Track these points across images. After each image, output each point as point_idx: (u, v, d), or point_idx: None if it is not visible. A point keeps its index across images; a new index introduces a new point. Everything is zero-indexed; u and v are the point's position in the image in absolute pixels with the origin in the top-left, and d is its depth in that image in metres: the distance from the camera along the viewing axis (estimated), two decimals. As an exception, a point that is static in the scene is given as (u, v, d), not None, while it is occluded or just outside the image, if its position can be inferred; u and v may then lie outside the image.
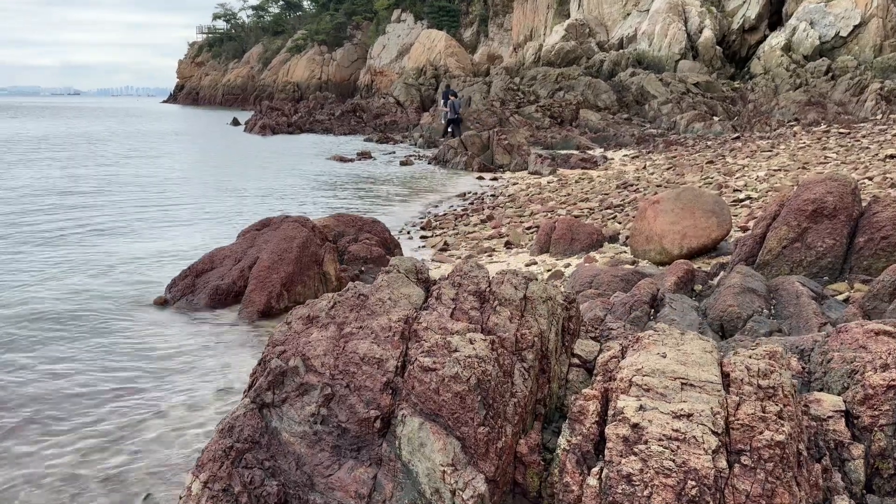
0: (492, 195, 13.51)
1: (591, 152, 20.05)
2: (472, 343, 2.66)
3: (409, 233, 10.08)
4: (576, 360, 3.07)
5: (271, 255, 7.06)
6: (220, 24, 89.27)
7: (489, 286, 2.98)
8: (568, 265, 7.11)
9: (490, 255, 8.16)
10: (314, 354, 3.08)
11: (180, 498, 2.95)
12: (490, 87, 31.98)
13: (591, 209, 10.44)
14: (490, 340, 2.68)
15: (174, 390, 4.79)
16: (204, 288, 6.98)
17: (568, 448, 2.43)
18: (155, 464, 3.78)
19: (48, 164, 19.54)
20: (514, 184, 15.04)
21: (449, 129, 25.00)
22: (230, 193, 14.48)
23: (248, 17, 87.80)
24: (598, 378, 2.61)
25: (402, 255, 8.39)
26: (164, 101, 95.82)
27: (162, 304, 6.81)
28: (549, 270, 6.96)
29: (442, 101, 26.87)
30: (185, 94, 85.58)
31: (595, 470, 2.30)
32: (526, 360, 2.73)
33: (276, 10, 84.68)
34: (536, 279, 3.01)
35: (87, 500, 3.43)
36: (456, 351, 2.62)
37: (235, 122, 39.70)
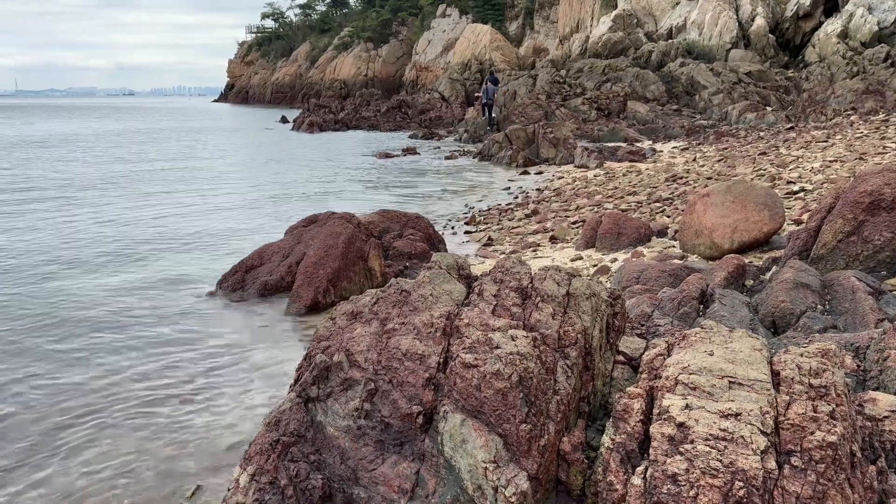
0: (537, 189, 13.42)
1: (639, 145, 19.72)
2: (513, 340, 2.65)
3: (453, 228, 10.09)
4: (621, 358, 3.03)
5: (318, 251, 7.15)
6: (269, 24, 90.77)
7: (531, 282, 2.97)
8: (614, 260, 7.02)
9: (535, 250, 8.11)
10: (358, 350, 3.11)
11: (228, 490, 3.02)
12: (535, 80, 31.72)
13: (638, 203, 10.27)
14: (532, 337, 2.66)
15: (225, 383, 4.89)
16: (253, 283, 7.12)
17: (612, 446, 2.40)
18: (204, 456, 3.87)
19: (106, 161, 20.21)
20: (560, 178, 14.90)
21: (489, 116, 25.79)
22: (278, 190, 14.72)
23: (295, 15, 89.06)
24: (644, 376, 2.57)
25: (446, 250, 8.41)
26: (215, 101, 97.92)
27: (212, 298, 6.96)
28: (594, 266, 6.87)
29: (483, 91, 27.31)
30: (236, 93, 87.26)
31: (639, 469, 2.26)
32: (569, 357, 2.71)
33: (323, 8, 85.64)
34: (580, 275, 2.98)
35: (140, 490, 3.53)
36: (498, 348, 2.61)
37: (284, 120, 40.31)
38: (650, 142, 20.81)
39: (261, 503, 2.80)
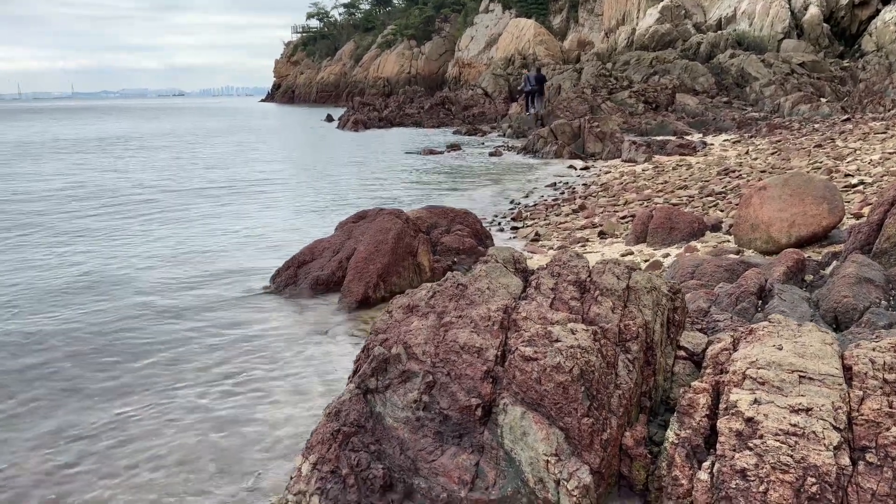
0: (584, 184, 13.29)
1: (688, 138, 19.35)
2: (573, 333, 2.63)
3: (499, 224, 10.07)
4: (682, 353, 2.99)
5: (368, 246, 7.22)
6: (314, 23, 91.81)
7: (589, 276, 2.95)
8: (667, 255, 6.91)
9: (583, 246, 8.04)
10: (415, 343, 3.14)
11: (291, 478, 3.09)
12: (581, 73, 31.39)
13: (690, 197, 10.09)
14: (592, 331, 2.65)
15: (280, 375, 4.99)
16: (305, 278, 7.23)
17: (677, 441, 2.37)
18: (264, 445, 3.95)
19: (156, 158, 20.76)
20: (607, 172, 14.73)
21: (530, 106, 26.17)
22: (327, 186, 14.91)
23: (340, 14, 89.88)
24: (708, 371, 2.53)
25: (493, 245, 8.40)
26: (262, 100, 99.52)
27: (266, 293, 7.10)
28: (646, 261, 6.78)
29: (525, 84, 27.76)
30: (282, 92, 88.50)
31: (706, 464, 2.23)
32: (630, 351, 2.68)
33: (367, 7, 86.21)
34: (640, 269, 2.94)
35: (203, 478, 3.62)
36: (557, 341, 2.60)
37: (329, 119, 40.76)
38: (700, 135, 20.40)
39: (322, 491, 2.86)
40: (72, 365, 5.22)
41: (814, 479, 2.04)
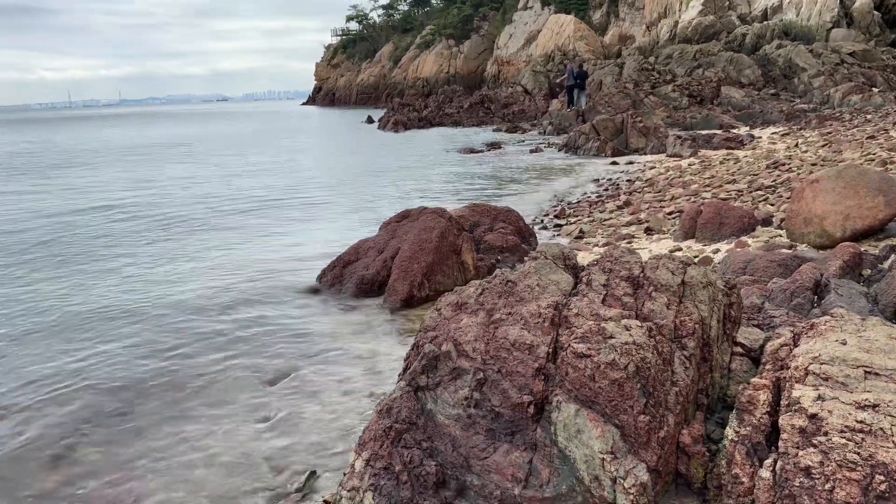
0: (628, 180, 13.12)
1: (735, 131, 18.95)
2: (627, 330, 2.60)
3: (542, 221, 10.00)
4: (738, 349, 2.93)
5: (412, 245, 7.25)
6: (353, 26, 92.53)
7: (643, 271, 2.90)
8: (717, 251, 6.78)
9: (629, 243, 7.93)
10: (465, 340, 3.13)
11: (344, 474, 3.12)
12: (622, 68, 31.00)
13: (738, 191, 9.87)
14: (647, 327, 2.61)
15: (327, 374, 5.04)
16: (351, 278, 7.30)
17: (736, 439, 2.32)
18: (315, 443, 4.00)
19: (202, 162, 21.22)
20: (652, 167, 14.51)
21: (571, 101, 26.14)
22: (369, 186, 15.03)
23: (378, 16, 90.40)
24: (768, 367, 2.47)
25: (537, 243, 8.35)
26: (304, 103, 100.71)
27: (312, 293, 7.18)
28: (696, 257, 6.66)
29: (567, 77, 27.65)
30: (323, 95, 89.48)
31: (768, 462, 2.18)
32: (686, 347, 2.63)
33: (405, 8, 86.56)
34: (695, 264, 2.89)
35: (257, 476, 3.68)
36: (611, 337, 2.57)
37: (370, 120, 41.06)
38: (747, 128, 19.96)
39: (376, 487, 2.88)
40: (131, 358, 5.38)
41: (882, 477, 1.97)
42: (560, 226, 9.62)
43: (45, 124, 77.56)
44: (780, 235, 6.93)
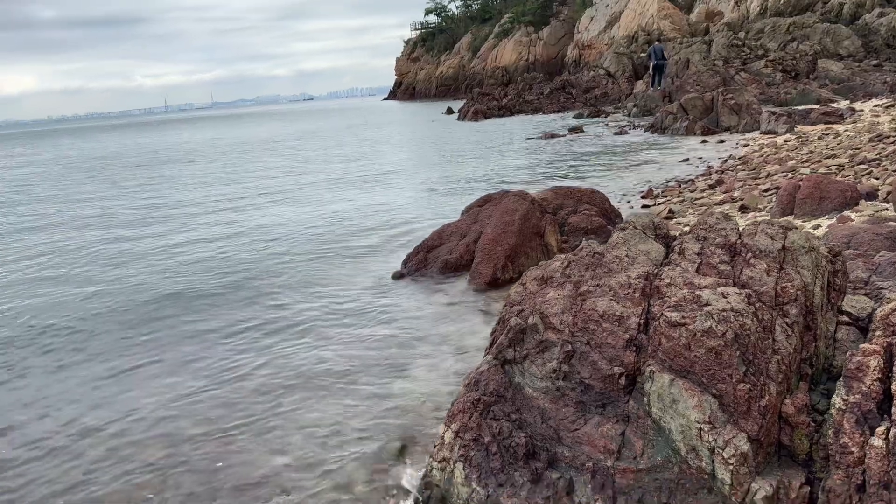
0: (719, 159, 12.61)
1: (834, 105, 17.88)
2: (725, 297, 2.49)
3: (629, 202, 9.75)
4: (844, 318, 2.76)
5: (495, 228, 7.23)
6: (432, 19, 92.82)
7: (740, 238, 2.78)
8: (817, 227, 6.42)
9: (722, 221, 7.62)
10: (552, 312, 3.10)
11: (434, 446, 3.15)
12: (710, 46, 29.80)
13: (839, 166, 9.31)
14: (745, 294, 2.49)
15: (415, 353, 5.11)
16: (435, 262, 7.35)
17: (844, 407, 2.19)
18: (405, 417, 4.06)
19: (294, 156, 21.89)
20: (745, 145, 13.89)
21: (655, 78, 25.60)
22: (451, 173, 15.08)
23: (457, 8, 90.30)
24: (878, 333, 2.31)
25: (624, 224, 8.15)
26: (385, 99, 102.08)
27: (399, 277, 7.28)
28: (793, 233, 6.32)
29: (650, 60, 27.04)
30: (403, 90, 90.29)
31: (880, 430, 2.05)
32: (788, 315, 2.50)
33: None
34: (796, 228, 2.75)
35: (351, 448, 3.77)
36: (707, 305, 2.48)
37: (449, 111, 41.16)
38: (847, 101, 18.79)
39: (466, 458, 2.89)
40: (224, 336, 5.63)
41: None
42: (648, 206, 9.36)
43: (155, 128, 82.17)
44: (887, 209, 6.49)
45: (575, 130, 21.84)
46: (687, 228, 3.06)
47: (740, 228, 2.83)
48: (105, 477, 3.71)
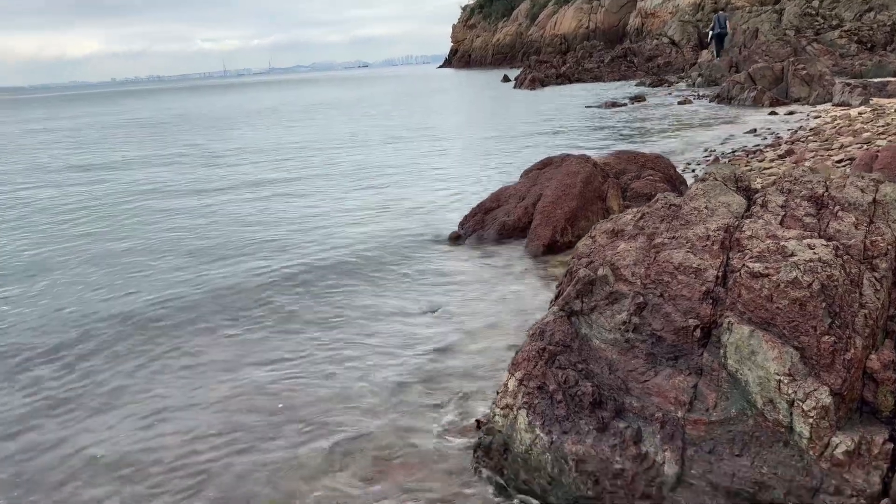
0: (789, 130, 12.14)
1: (913, 78, 16.96)
2: (811, 248, 2.40)
3: (693, 170, 9.49)
4: (936, 277, 2.63)
5: (555, 191, 7.13)
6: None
7: (827, 190, 2.66)
8: (896, 196, 6.13)
9: (792, 190, 7.35)
10: (623, 264, 3.04)
11: (497, 393, 3.15)
12: (781, 14, 28.55)
13: (920, 138, 8.87)
14: (833, 246, 2.39)
15: (474, 312, 5.10)
16: (492, 224, 7.30)
17: (939, 364, 2.09)
18: (465, 370, 4.08)
19: (355, 120, 22.02)
20: (817, 117, 13.33)
21: (720, 51, 25.11)
22: (508, 139, 14.93)
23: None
24: (978, 289, 2.20)
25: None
26: (440, 66, 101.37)
27: (455, 239, 7.27)
28: (870, 202, 6.06)
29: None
30: (459, 57, 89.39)
31: (979, 388, 1.95)
32: (878, 269, 2.39)
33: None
34: (887, 181, 2.61)
35: (412, 397, 3.82)
36: (793, 255, 2.39)
37: (506, 79, 40.63)
38: (929, 74, 17.81)
39: (530, 406, 2.88)
40: (289, 300, 5.71)
41: None
42: (712, 175, 9.08)
43: (221, 90, 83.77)
44: (976, 180, 6.15)
45: (637, 99, 21.32)
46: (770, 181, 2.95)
47: (828, 180, 2.71)
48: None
